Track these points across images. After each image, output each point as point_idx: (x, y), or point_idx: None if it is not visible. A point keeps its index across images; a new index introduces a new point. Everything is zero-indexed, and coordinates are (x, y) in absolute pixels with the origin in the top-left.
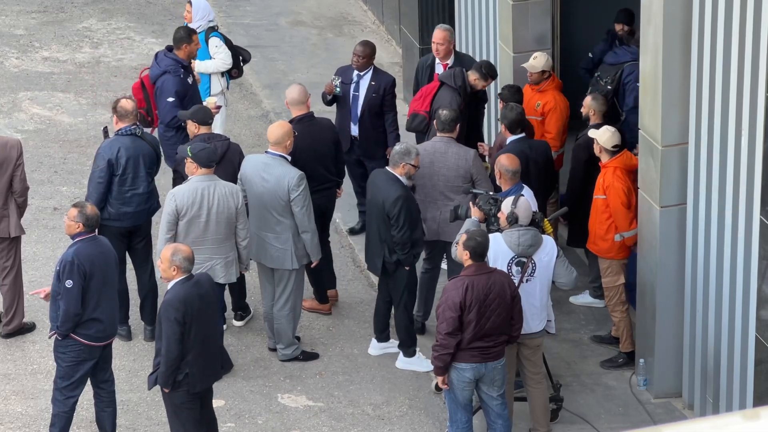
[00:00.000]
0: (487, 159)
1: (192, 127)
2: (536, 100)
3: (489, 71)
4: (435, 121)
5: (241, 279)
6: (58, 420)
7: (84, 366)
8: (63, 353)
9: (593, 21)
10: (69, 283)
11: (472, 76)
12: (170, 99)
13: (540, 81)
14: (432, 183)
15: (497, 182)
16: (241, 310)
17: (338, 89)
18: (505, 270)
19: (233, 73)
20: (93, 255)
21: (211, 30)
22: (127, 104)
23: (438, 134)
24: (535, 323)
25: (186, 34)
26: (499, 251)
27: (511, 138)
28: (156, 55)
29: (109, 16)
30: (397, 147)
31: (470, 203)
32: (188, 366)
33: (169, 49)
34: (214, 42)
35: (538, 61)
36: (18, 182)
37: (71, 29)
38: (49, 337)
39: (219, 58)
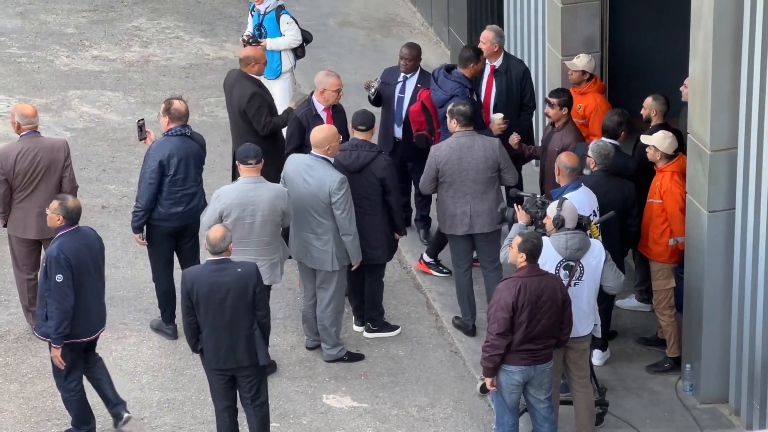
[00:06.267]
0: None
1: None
2: (577, 102)
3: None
4: (456, 118)
5: (378, 288)
6: (70, 404)
7: (72, 356)
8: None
9: (642, 24)
10: (59, 278)
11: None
12: None
13: (580, 82)
14: (461, 179)
15: (556, 179)
16: (371, 321)
17: (372, 90)
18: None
19: (298, 52)
20: (77, 247)
21: (281, 8)
22: (181, 106)
23: (459, 129)
24: (582, 327)
25: (474, 54)
26: (548, 255)
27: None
28: (434, 75)
29: (158, 15)
30: (612, 153)
31: (516, 206)
32: (203, 341)
33: (448, 69)
34: (286, 19)
35: (579, 60)
36: (67, 183)
37: (121, 28)
38: (34, 333)
39: (290, 34)
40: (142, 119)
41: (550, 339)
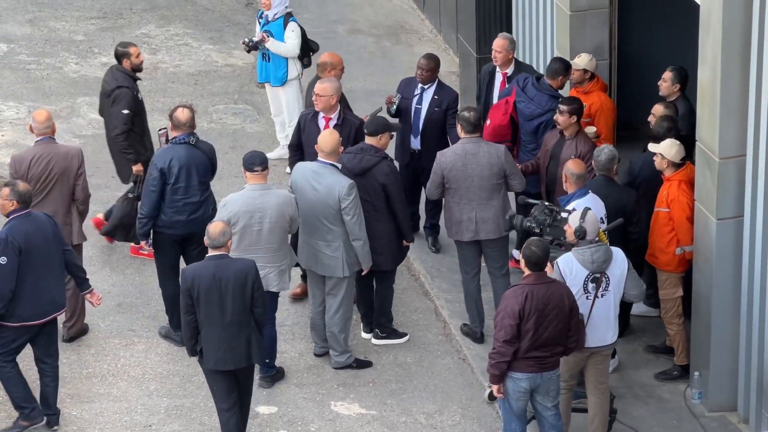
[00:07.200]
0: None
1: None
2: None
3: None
4: (461, 124)
5: (387, 295)
6: (6, 383)
7: (21, 339)
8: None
9: (651, 32)
10: (3, 260)
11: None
12: None
13: (582, 81)
14: (466, 185)
15: (563, 186)
16: (379, 327)
17: (394, 106)
18: (581, 288)
19: (304, 61)
20: (28, 231)
21: (290, 15)
22: (182, 114)
23: (465, 136)
24: (609, 335)
25: (564, 66)
26: (575, 270)
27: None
28: (520, 85)
29: (167, 22)
30: (603, 156)
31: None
32: (202, 341)
33: (537, 79)
34: (291, 26)
35: (581, 59)
36: (80, 191)
37: (130, 35)
38: None
39: (290, 43)
40: (165, 128)
41: (557, 346)
